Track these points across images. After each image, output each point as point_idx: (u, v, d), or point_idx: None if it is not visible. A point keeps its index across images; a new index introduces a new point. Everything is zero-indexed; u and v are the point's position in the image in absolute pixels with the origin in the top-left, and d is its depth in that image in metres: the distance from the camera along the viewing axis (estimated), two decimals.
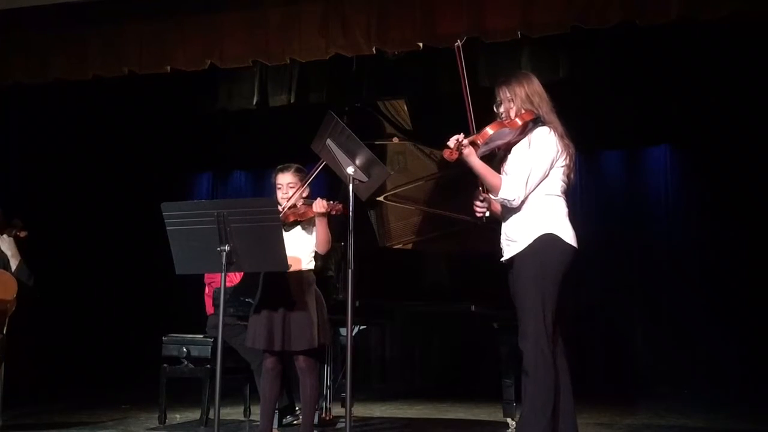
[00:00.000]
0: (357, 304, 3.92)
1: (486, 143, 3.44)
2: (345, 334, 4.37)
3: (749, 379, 6.81)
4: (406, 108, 5.89)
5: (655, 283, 7.48)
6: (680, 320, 7.29)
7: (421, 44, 5.21)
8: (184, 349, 5.04)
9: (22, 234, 5.03)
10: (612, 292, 7.54)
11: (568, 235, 3.45)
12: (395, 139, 5.75)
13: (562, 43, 5.87)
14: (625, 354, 7.38)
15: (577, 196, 6.67)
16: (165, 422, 5.05)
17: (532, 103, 3.50)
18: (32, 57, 5.82)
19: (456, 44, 3.61)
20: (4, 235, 5.00)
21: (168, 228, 3.71)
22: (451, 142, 3.39)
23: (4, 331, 4.91)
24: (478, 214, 3.58)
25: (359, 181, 3.83)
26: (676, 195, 7.59)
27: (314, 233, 4.07)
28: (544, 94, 3.54)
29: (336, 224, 4.18)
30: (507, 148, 3.55)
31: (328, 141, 3.82)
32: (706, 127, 7.14)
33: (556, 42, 5.75)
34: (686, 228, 7.42)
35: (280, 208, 3.92)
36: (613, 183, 7.76)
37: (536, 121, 3.49)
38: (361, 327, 5.22)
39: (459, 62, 3.57)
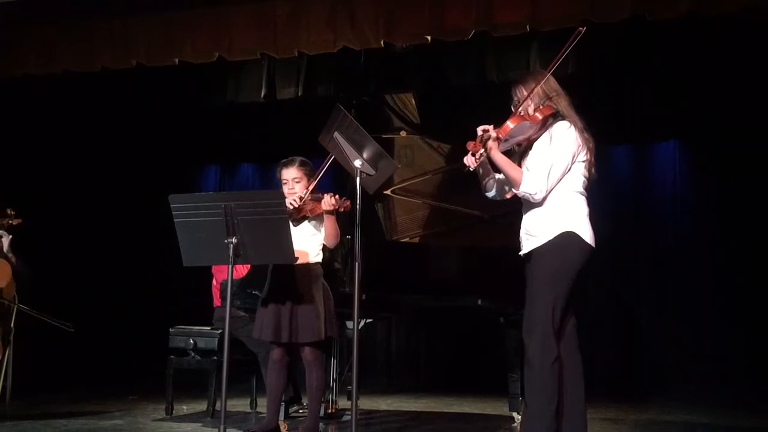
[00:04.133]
0: (363, 297, 3.93)
1: (507, 138, 3.42)
2: (351, 327, 4.36)
3: (756, 375, 6.79)
4: (413, 101, 5.88)
5: (663, 279, 7.47)
6: (688, 316, 7.27)
7: (429, 37, 5.20)
8: (191, 341, 5.06)
9: (15, 222, 5.04)
10: (620, 287, 7.53)
11: (588, 235, 3.46)
12: (403, 133, 5.75)
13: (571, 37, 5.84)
14: (632, 349, 7.37)
15: None
16: (172, 413, 5.06)
17: (550, 99, 3.49)
18: (41, 49, 5.84)
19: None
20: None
21: (176, 220, 3.73)
22: (479, 131, 3.37)
23: (12, 324, 4.95)
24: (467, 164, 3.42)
25: (366, 174, 3.83)
26: (685, 190, 7.57)
27: (322, 227, 4.07)
28: (561, 90, 3.53)
29: (344, 218, 4.18)
30: (527, 144, 3.54)
31: (336, 134, 3.82)
32: (716, 123, 7.12)
33: (565, 36, 5.72)
34: (695, 223, 7.40)
35: (287, 203, 3.92)
36: (622, 178, 7.74)
37: (556, 116, 3.48)
38: (367, 320, 5.23)
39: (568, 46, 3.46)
